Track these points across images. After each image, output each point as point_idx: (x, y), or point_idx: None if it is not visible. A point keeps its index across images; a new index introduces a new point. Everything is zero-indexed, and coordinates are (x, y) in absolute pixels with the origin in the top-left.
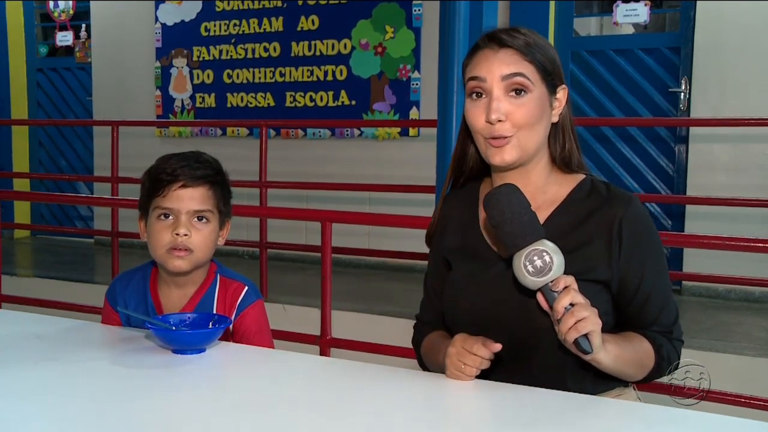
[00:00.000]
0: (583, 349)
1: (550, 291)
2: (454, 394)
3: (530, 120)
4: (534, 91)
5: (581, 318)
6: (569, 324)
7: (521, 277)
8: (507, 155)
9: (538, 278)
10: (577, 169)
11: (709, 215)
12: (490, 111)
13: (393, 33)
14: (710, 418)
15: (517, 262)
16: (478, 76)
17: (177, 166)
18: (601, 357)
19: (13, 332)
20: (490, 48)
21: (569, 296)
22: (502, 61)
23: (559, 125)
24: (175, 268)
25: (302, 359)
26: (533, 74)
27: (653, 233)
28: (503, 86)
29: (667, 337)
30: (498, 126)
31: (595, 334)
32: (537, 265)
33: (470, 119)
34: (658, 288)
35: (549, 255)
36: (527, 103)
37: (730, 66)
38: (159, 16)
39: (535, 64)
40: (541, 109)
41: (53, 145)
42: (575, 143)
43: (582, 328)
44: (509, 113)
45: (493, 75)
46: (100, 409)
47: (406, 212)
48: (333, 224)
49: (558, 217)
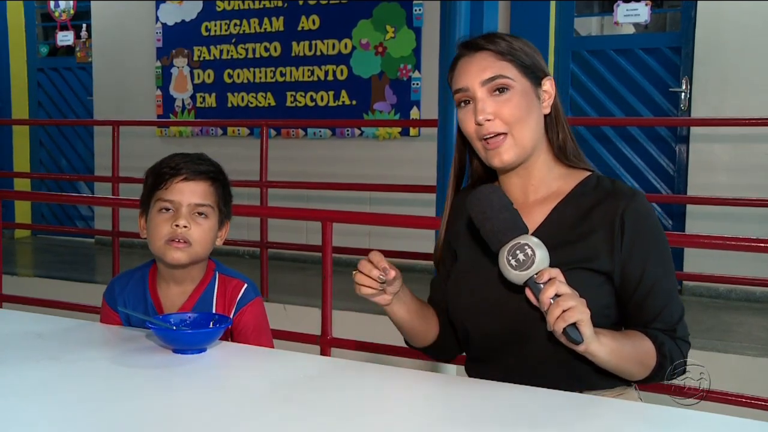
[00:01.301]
0: (573, 339)
1: (535, 284)
2: (454, 394)
3: (518, 114)
4: (516, 87)
5: (567, 308)
6: (556, 314)
7: (506, 272)
8: (505, 155)
9: (521, 272)
10: (574, 159)
11: (710, 215)
12: (477, 113)
13: (393, 33)
14: (711, 418)
15: (501, 258)
16: (461, 87)
17: (180, 162)
18: (594, 348)
19: (13, 332)
20: (466, 55)
21: (554, 287)
22: (479, 65)
23: (551, 116)
24: (173, 260)
25: (303, 359)
26: (512, 71)
27: (657, 228)
28: (485, 89)
29: (670, 335)
30: (487, 125)
31: (584, 324)
32: (520, 258)
33: (463, 126)
34: (661, 283)
35: (531, 248)
36: (511, 98)
37: (731, 66)
38: (160, 15)
39: (512, 62)
40: (527, 102)
41: (54, 145)
42: (568, 132)
43: (569, 318)
44: (496, 112)
45: (473, 82)
46: (101, 409)
47: (407, 212)
48: (333, 224)
49: (562, 209)
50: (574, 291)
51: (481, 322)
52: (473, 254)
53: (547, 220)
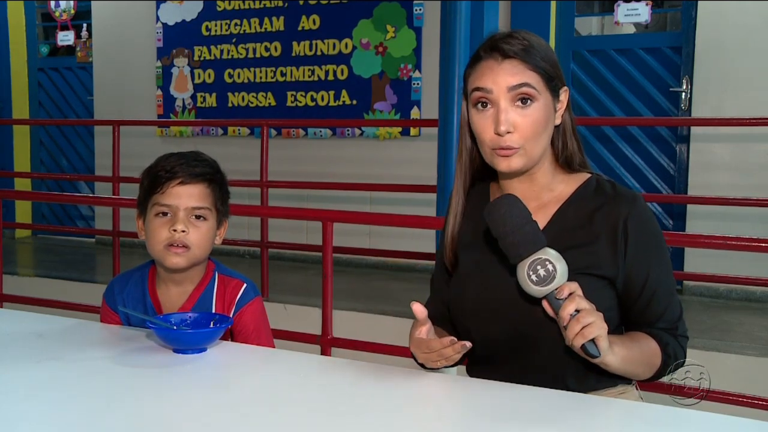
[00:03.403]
0: (591, 353)
1: (555, 299)
2: (454, 394)
3: (538, 129)
4: (540, 100)
5: (587, 324)
6: (575, 330)
7: (526, 287)
8: (513, 163)
9: (542, 287)
10: (579, 168)
11: (710, 215)
12: (499, 123)
13: (394, 32)
14: (712, 417)
15: (521, 273)
16: (483, 87)
17: (176, 164)
18: (609, 360)
19: (14, 331)
20: (493, 59)
21: (574, 303)
22: (507, 71)
23: (561, 126)
24: (173, 265)
25: (303, 359)
26: (538, 83)
27: (657, 231)
28: (509, 97)
29: (672, 334)
30: (507, 137)
31: (602, 338)
32: (540, 274)
33: (478, 130)
34: (663, 285)
35: (552, 264)
36: (534, 112)
37: (732, 65)
38: (160, 15)
39: (538, 72)
40: (546, 117)
41: (54, 145)
42: (577, 143)
43: (588, 334)
44: (517, 124)
45: (499, 86)
46: (101, 408)
47: (407, 212)
48: (334, 224)
49: (564, 214)
50: (592, 305)
51: (483, 324)
52: (479, 256)
53: (550, 224)
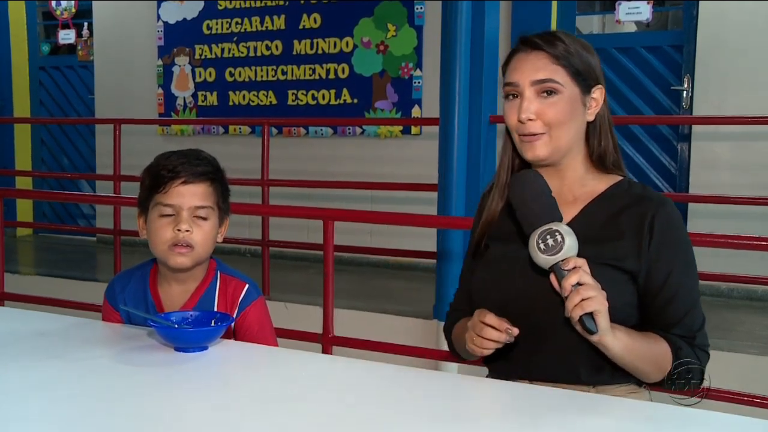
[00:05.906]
0: (588, 328)
1: (560, 269)
2: (458, 393)
3: (560, 118)
4: (564, 93)
5: (587, 297)
6: (575, 301)
7: (534, 254)
8: (539, 151)
9: (549, 256)
10: (612, 167)
11: (712, 213)
12: (521, 110)
13: (395, 31)
14: (714, 416)
15: (531, 241)
16: (511, 82)
17: (178, 163)
18: (608, 340)
19: (15, 330)
20: (522, 51)
21: (577, 275)
22: (533, 65)
23: (596, 123)
24: (177, 265)
25: (304, 357)
26: (563, 77)
27: (684, 236)
28: (534, 89)
29: (689, 342)
30: (529, 124)
31: (601, 315)
32: (549, 243)
33: (506, 118)
34: (685, 290)
35: (561, 235)
36: (557, 102)
37: (733, 64)
38: (161, 14)
39: (565, 68)
40: (571, 108)
41: (55, 144)
42: (612, 141)
43: (587, 306)
44: (539, 113)
45: (524, 80)
46: (103, 407)
47: (408, 210)
48: (335, 222)
49: (593, 209)
50: (597, 283)
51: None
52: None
53: (577, 218)
